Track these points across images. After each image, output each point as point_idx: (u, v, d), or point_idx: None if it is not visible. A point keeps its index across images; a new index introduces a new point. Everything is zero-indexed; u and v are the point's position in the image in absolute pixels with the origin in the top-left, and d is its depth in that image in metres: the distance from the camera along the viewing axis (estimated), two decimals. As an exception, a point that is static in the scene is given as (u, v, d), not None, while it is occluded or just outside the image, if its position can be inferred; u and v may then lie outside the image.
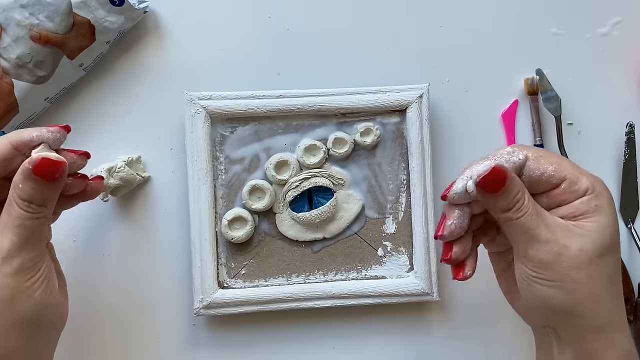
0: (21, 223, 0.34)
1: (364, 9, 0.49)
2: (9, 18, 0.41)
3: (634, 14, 0.50)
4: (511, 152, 0.34)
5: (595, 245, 0.32)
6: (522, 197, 0.33)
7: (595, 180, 0.34)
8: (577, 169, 0.34)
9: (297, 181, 0.45)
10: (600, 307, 0.33)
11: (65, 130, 0.37)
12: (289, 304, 0.45)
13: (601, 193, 0.33)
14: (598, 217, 0.33)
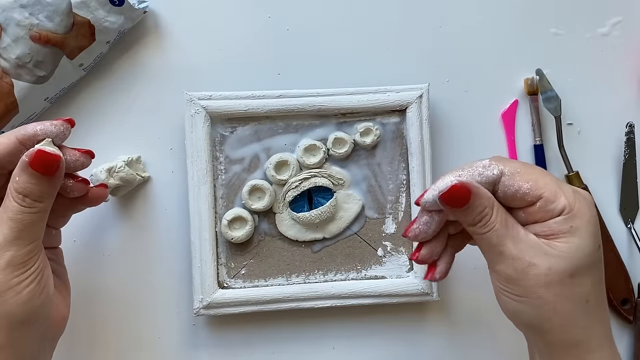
0: (14, 216, 0.34)
1: (364, 9, 0.49)
2: (8, 18, 0.41)
3: (634, 14, 0.50)
4: (486, 166, 0.33)
5: (565, 266, 0.32)
6: (488, 212, 0.33)
7: (577, 199, 0.33)
8: (558, 186, 0.33)
9: (297, 181, 0.45)
10: (571, 326, 0.33)
11: (69, 124, 0.36)
12: (289, 304, 0.45)
13: (579, 214, 0.32)
14: (571, 238, 0.32)
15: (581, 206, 0.32)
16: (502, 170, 0.33)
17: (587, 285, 0.33)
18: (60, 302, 0.38)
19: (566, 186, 0.33)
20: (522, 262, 0.32)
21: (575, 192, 0.33)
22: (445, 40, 0.49)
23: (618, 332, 0.49)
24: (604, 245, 0.47)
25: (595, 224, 0.33)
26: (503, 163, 0.33)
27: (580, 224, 0.32)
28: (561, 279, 0.32)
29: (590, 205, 0.33)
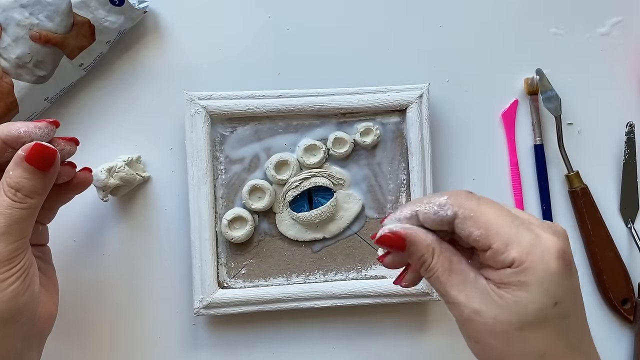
0: (4, 211, 0.34)
1: (364, 9, 0.49)
2: (9, 18, 0.41)
3: (634, 14, 0.50)
4: (442, 205, 0.31)
5: (510, 318, 0.30)
6: (427, 259, 0.32)
7: (533, 250, 0.29)
8: (513, 233, 0.30)
9: (297, 181, 0.45)
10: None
11: (53, 125, 0.37)
12: (289, 304, 0.45)
13: (530, 269, 0.29)
14: (519, 292, 0.29)
15: (535, 259, 0.29)
16: (455, 212, 0.31)
17: (541, 340, 0.30)
18: (47, 300, 0.38)
19: (525, 233, 0.30)
20: (467, 308, 0.31)
21: (535, 240, 0.30)
22: (445, 40, 0.49)
23: (618, 332, 0.49)
24: (604, 245, 0.48)
25: (552, 279, 0.29)
26: (459, 203, 0.31)
27: (530, 280, 0.29)
28: (508, 330, 0.30)
29: (551, 256, 0.29)
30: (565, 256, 0.30)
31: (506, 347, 0.30)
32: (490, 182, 0.49)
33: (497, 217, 0.30)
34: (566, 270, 0.30)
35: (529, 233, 0.30)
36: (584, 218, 0.48)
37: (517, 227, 0.30)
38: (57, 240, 0.46)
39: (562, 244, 0.30)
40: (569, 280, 0.30)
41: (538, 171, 0.49)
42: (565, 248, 0.30)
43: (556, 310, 0.30)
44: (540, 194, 0.49)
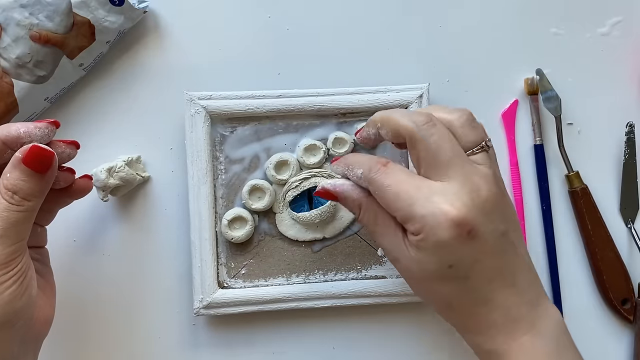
0: (1, 214, 0.33)
1: (364, 9, 0.49)
2: (8, 18, 0.41)
3: (634, 14, 0.50)
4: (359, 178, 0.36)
5: (417, 270, 0.34)
6: (356, 211, 0.37)
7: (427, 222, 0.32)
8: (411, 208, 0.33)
9: (297, 181, 0.45)
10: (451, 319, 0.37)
11: (54, 126, 0.36)
12: (289, 304, 0.45)
13: (424, 238, 0.33)
14: (419, 253, 0.33)
15: (427, 231, 0.32)
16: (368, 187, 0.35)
17: (446, 292, 0.34)
18: (44, 303, 0.37)
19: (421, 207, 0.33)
20: (390, 255, 0.36)
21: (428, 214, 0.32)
22: (445, 40, 0.49)
23: (618, 332, 0.49)
24: (604, 245, 0.48)
25: (443, 247, 0.32)
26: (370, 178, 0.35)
27: (425, 245, 0.33)
28: (419, 278, 0.35)
29: (442, 228, 0.32)
30: (460, 226, 0.32)
31: (421, 291, 0.36)
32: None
33: (398, 193, 0.33)
34: (461, 240, 0.32)
35: (424, 207, 0.32)
36: (584, 218, 0.48)
37: (414, 202, 0.33)
38: (57, 240, 0.46)
39: (458, 212, 0.32)
40: (464, 246, 0.32)
41: (538, 171, 0.49)
42: (460, 217, 0.32)
43: (452, 272, 0.33)
44: (540, 194, 0.49)
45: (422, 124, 0.34)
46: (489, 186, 0.34)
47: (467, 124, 0.36)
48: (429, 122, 0.34)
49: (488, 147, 0.36)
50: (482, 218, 0.33)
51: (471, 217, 0.32)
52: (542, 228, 0.49)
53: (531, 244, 0.49)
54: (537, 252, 0.49)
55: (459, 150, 0.34)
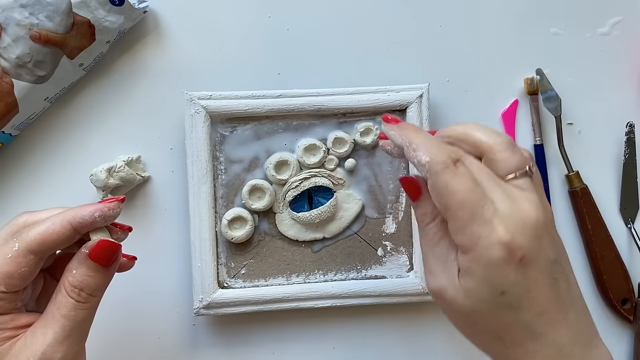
0: (68, 313, 0.33)
1: (364, 9, 0.49)
2: (8, 18, 0.41)
3: (634, 14, 0.50)
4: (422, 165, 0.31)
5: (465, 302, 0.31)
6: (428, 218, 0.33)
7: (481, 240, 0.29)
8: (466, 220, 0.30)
9: (297, 181, 0.45)
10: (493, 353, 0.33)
11: (122, 202, 0.35)
12: (289, 304, 0.45)
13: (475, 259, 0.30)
14: (468, 280, 0.31)
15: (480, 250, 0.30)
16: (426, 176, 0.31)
17: (496, 325, 0.31)
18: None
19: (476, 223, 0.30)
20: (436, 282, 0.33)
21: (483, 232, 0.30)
22: (445, 40, 0.49)
23: (618, 332, 0.49)
24: (604, 245, 0.48)
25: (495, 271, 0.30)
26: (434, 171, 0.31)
27: (475, 269, 0.30)
28: (465, 312, 0.31)
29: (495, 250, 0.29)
30: (512, 251, 0.29)
31: (467, 325, 0.33)
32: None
33: (463, 203, 0.30)
34: (513, 265, 0.30)
35: (480, 227, 0.30)
36: (584, 218, 0.48)
37: (474, 219, 0.30)
38: (57, 240, 0.46)
39: (511, 237, 0.30)
40: (517, 273, 0.30)
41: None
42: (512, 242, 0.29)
43: (505, 300, 0.30)
44: (540, 194, 0.49)
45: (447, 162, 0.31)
46: (536, 211, 0.31)
47: (508, 147, 0.32)
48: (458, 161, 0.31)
49: (532, 173, 0.32)
50: (535, 244, 0.30)
51: (523, 243, 0.30)
52: (542, 228, 0.49)
53: (531, 244, 0.49)
54: (537, 252, 0.49)
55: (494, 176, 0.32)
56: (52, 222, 0.33)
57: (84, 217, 0.33)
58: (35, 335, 0.32)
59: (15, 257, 0.32)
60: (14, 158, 0.47)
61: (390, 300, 0.46)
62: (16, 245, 0.32)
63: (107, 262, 0.34)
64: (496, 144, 0.32)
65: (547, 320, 0.31)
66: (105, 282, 0.34)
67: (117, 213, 0.34)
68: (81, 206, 0.34)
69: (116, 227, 0.36)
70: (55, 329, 0.32)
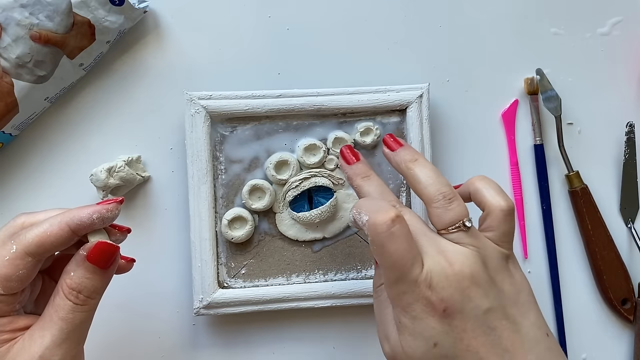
0: (66, 316, 0.32)
1: (364, 8, 0.49)
2: (8, 18, 0.41)
3: (634, 14, 0.50)
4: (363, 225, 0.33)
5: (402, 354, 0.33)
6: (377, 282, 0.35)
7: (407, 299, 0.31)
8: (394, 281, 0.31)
9: (297, 181, 0.45)
10: None
11: (120, 204, 0.35)
12: (289, 303, 0.45)
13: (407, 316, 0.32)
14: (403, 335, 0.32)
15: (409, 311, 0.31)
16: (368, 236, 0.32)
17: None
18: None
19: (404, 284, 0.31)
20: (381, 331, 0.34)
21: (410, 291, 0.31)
22: (445, 40, 0.49)
23: (618, 332, 0.49)
24: (604, 245, 0.48)
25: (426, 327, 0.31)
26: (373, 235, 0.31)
27: (407, 323, 0.32)
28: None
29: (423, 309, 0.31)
30: (433, 305, 0.31)
31: None
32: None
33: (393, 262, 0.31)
34: (437, 317, 0.31)
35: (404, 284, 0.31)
36: (584, 218, 0.48)
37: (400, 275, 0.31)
38: (57, 240, 0.46)
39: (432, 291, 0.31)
40: (444, 325, 0.31)
41: (538, 171, 0.49)
42: (431, 296, 0.31)
43: (439, 351, 0.31)
44: (540, 194, 0.49)
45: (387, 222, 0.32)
46: (464, 264, 0.32)
47: (444, 203, 0.33)
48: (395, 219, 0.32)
49: (467, 228, 0.33)
50: (457, 296, 0.31)
51: (444, 296, 0.31)
52: (542, 228, 0.49)
53: (531, 244, 0.49)
54: (537, 252, 0.49)
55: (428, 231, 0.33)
56: (50, 224, 0.33)
57: (82, 219, 0.33)
58: (33, 337, 0.32)
59: (13, 260, 0.32)
60: (14, 158, 0.47)
61: (390, 300, 0.46)
62: (14, 248, 0.32)
63: (105, 264, 0.33)
64: (433, 198, 0.33)
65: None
66: (104, 284, 0.34)
67: (116, 215, 0.34)
68: (79, 208, 0.34)
69: (115, 228, 0.36)
70: (53, 331, 0.32)
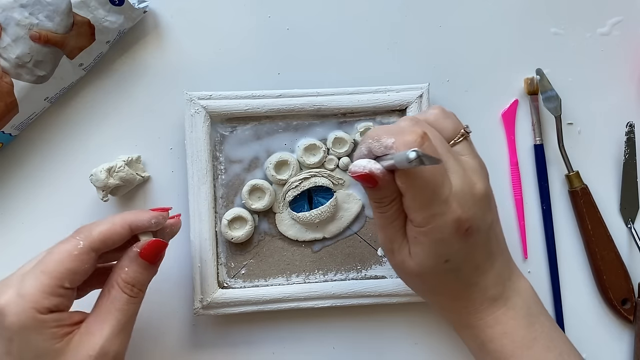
0: (122, 307, 0.36)
1: (364, 9, 0.49)
2: (8, 18, 0.41)
3: (634, 14, 0.50)
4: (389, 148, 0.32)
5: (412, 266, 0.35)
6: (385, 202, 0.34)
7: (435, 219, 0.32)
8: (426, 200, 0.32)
9: (297, 181, 0.45)
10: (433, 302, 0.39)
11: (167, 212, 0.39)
12: (288, 304, 0.45)
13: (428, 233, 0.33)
14: (417, 249, 0.34)
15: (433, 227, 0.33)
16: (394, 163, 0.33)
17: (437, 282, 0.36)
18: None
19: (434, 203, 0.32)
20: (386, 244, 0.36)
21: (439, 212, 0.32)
22: (445, 40, 0.49)
23: (618, 332, 0.49)
24: (604, 245, 0.48)
25: (443, 244, 0.33)
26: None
27: (425, 241, 0.33)
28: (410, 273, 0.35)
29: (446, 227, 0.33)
30: (461, 224, 0.33)
31: (410, 282, 0.38)
32: (491, 182, 0.48)
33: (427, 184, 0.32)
34: (459, 236, 0.33)
35: (437, 205, 0.32)
36: (584, 218, 0.48)
37: (434, 199, 0.32)
38: (57, 240, 0.46)
39: (463, 214, 0.33)
40: (462, 242, 0.34)
41: (538, 171, 0.49)
42: (461, 216, 0.33)
43: (448, 266, 0.34)
44: (540, 194, 0.49)
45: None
46: (481, 181, 0.35)
47: (441, 117, 0.37)
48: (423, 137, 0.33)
49: (467, 134, 0.37)
50: (479, 214, 0.34)
51: (470, 216, 0.33)
52: (542, 228, 0.49)
53: (531, 244, 0.49)
54: (537, 252, 0.49)
55: (448, 147, 0.35)
56: (113, 223, 0.36)
57: (142, 222, 0.37)
58: (91, 330, 0.35)
59: (80, 255, 0.34)
60: (14, 158, 0.47)
61: (390, 300, 0.46)
62: (80, 243, 0.35)
63: (155, 259, 0.37)
64: (433, 115, 0.36)
65: (479, 272, 0.36)
66: (151, 278, 0.38)
67: (165, 222, 0.39)
68: (138, 211, 0.38)
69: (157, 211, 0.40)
70: (112, 322, 0.35)
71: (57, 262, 0.34)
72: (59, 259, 0.34)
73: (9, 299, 0.33)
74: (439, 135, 0.35)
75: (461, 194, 0.33)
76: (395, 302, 0.46)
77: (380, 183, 0.32)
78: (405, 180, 0.32)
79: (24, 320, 0.33)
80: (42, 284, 0.33)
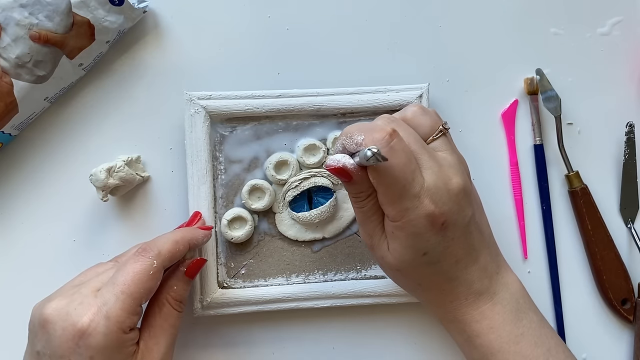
0: (174, 323, 0.38)
1: (364, 8, 0.49)
2: (8, 18, 0.41)
3: (634, 14, 0.50)
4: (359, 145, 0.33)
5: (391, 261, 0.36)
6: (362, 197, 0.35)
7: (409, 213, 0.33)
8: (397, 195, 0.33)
9: (296, 181, 0.45)
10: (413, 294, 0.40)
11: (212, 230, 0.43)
12: (288, 304, 0.45)
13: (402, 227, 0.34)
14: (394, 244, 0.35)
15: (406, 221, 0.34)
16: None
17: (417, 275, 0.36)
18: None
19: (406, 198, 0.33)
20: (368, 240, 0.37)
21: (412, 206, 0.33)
22: (445, 40, 0.49)
23: (618, 332, 0.49)
24: (604, 245, 0.48)
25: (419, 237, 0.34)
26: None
27: (401, 235, 0.34)
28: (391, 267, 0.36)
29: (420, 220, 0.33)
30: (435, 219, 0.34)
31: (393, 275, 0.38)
32: (490, 182, 0.49)
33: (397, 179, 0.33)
34: (435, 230, 0.34)
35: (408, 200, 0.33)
36: (584, 218, 0.48)
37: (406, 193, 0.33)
38: (57, 240, 0.46)
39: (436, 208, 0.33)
40: (438, 236, 0.34)
41: (538, 171, 0.49)
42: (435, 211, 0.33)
43: (426, 259, 0.35)
44: (540, 194, 0.49)
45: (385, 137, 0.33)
46: (458, 177, 0.35)
47: (418, 114, 0.37)
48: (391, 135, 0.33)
49: (446, 130, 0.37)
50: (455, 209, 0.35)
51: (445, 211, 0.34)
52: (542, 228, 0.49)
53: (531, 244, 0.49)
54: (537, 252, 0.49)
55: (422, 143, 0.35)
56: (175, 242, 0.39)
57: (199, 240, 0.41)
58: (149, 346, 0.37)
59: (155, 274, 0.37)
60: (14, 158, 0.47)
61: (390, 300, 0.46)
62: (154, 263, 0.37)
63: (195, 275, 0.40)
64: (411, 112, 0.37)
65: (461, 266, 0.36)
66: (189, 290, 0.41)
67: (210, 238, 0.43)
68: (193, 229, 0.41)
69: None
70: (166, 338, 0.38)
71: (137, 283, 0.36)
72: (139, 280, 0.36)
73: (95, 320, 0.34)
74: (414, 132, 0.36)
75: (434, 189, 0.34)
76: (394, 302, 0.46)
77: (354, 178, 0.33)
78: (375, 176, 0.33)
79: (110, 340, 0.34)
80: (125, 305, 0.35)
